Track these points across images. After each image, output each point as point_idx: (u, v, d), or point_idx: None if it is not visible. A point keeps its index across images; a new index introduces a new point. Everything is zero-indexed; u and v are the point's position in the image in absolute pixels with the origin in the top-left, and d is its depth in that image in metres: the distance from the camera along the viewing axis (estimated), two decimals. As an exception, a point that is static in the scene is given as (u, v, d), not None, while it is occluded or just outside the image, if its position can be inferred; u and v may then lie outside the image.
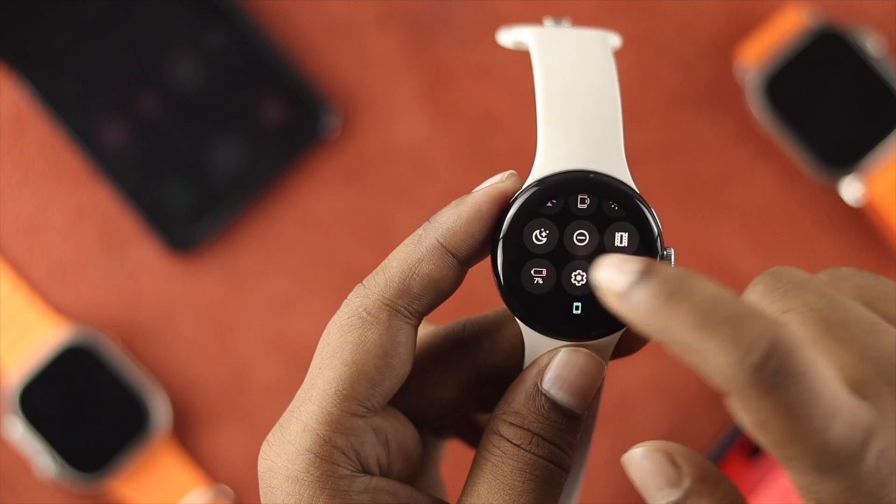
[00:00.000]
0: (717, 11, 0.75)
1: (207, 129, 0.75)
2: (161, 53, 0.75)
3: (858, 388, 0.32)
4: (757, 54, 0.73)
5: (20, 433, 0.72)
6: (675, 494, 0.35)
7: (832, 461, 0.31)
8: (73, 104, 0.75)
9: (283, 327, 0.74)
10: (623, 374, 0.73)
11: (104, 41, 0.75)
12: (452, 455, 0.44)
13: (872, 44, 0.73)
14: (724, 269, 0.74)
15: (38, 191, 0.75)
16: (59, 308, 0.74)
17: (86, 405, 0.72)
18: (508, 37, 0.41)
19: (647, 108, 0.75)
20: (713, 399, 0.73)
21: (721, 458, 0.70)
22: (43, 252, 0.75)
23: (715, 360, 0.31)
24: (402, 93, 0.75)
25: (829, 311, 0.33)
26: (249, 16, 0.75)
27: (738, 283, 0.74)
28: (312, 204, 0.75)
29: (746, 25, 0.75)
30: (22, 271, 0.75)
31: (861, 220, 0.74)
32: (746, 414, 0.31)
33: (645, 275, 0.32)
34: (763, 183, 0.74)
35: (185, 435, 0.74)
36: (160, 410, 0.72)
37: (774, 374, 0.30)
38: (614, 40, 0.40)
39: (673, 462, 0.35)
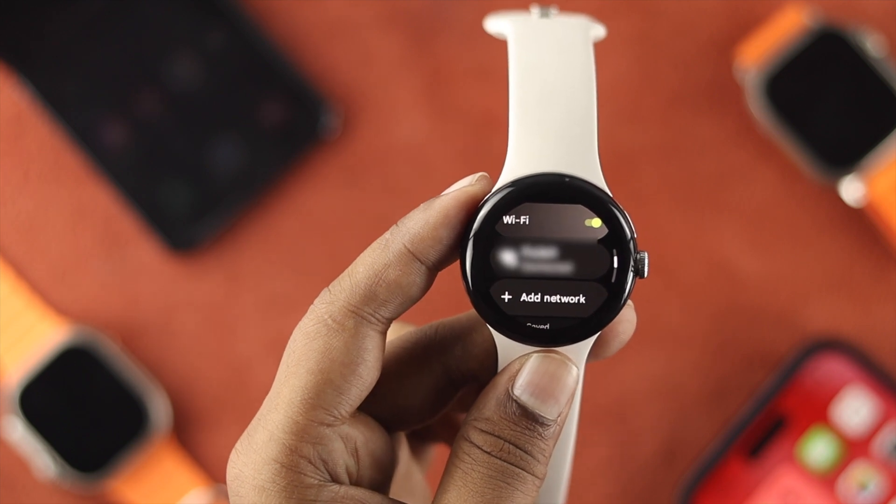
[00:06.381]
0: (717, 11, 0.75)
1: (207, 129, 0.75)
2: (161, 53, 0.75)
3: None
4: (757, 54, 0.73)
5: (20, 433, 0.72)
6: None
7: None
8: (73, 104, 0.75)
9: (283, 327, 0.74)
10: (622, 374, 0.72)
11: (104, 41, 0.75)
12: (440, 462, 0.44)
13: (872, 44, 0.73)
14: (724, 269, 0.74)
15: (38, 191, 0.75)
16: (59, 308, 0.74)
17: (86, 405, 0.72)
18: (493, 25, 0.40)
19: (647, 108, 0.75)
20: (713, 399, 0.73)
21: (721, 458, 0.70)
22: (43, 252, 0.75)
23: None
24: (402, 93, 0.75)
25: None
26: (249, 16, 0.75)
27: (738, 283, 0.74)
28: (312, 204, 0.75)
29: (746, 25, 0.75)
30: (22, 271, 0.75)
31: (861, 220, 0.74)
32: None
33: None
34: (763, 183, 0.74)
35: (185, 435, 0.74)
36: (160, 410, 0.72)
37: None
38: (598, 31, 0.38)
39: None
